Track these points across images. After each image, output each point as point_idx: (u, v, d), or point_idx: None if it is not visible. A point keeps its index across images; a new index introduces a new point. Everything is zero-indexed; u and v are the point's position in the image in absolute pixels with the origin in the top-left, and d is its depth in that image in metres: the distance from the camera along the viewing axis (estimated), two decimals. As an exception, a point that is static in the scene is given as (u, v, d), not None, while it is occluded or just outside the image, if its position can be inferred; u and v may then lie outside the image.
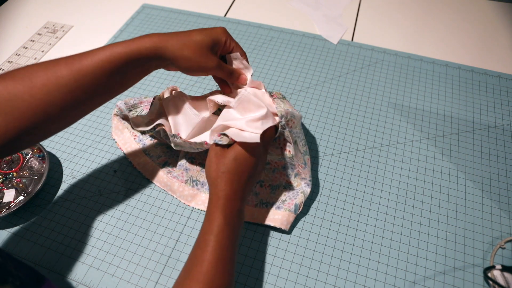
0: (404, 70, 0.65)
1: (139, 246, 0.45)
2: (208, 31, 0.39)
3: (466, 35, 0.71)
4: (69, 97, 0.33)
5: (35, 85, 0.32)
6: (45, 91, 0.32)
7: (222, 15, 0.77)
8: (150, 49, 0.36)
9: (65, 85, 0.33)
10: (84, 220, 0.48)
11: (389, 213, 0.48)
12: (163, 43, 0.36)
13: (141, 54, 0.36)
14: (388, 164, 0.53)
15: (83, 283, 0.43)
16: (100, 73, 0.34)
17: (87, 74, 0.34)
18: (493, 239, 0.46)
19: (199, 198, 0.49)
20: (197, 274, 0.33)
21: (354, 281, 0.43)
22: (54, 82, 0.32)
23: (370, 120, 0.58)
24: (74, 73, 0.33)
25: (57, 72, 0.33)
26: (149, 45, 0.36)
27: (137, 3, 0.80)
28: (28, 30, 0.75)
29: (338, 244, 0.45)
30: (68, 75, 0.33)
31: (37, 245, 0.45)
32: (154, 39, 0.36)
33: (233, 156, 0.37)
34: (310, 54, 0.68)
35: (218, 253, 0.34)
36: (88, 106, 0.36)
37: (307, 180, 0.46)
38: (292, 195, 0.47)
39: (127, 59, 0.35)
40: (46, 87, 0.32)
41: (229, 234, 0.35)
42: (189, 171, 0.50)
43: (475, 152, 0.54)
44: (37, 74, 0.32)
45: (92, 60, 0.34)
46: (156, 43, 0.36)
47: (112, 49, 0.35)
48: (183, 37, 0.37)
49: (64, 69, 0.33)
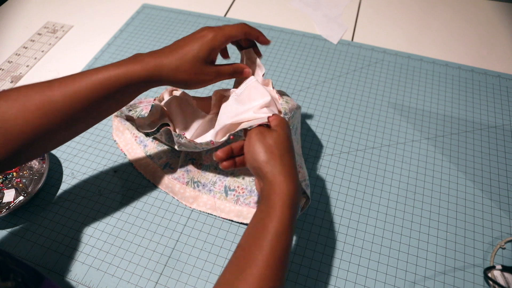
0: (404, 70, 0.65)
1: (139, 246, 0.45)
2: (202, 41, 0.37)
3: (466, 35, 0.71)
4: (62, 120, 0.33)
5: (29, 108, 0.32)
6: (38, 115, 0.32)
7: (222, 15, 0.77)
8: (144, 76, 0.35)
9: (58, 110, 0.33)
10: (84, 220, 0.48)
11: (389, 213, 0.48)
12: (157, 69, 0.36)
13: (135, 80, 0.35)
14: (388, 164, 0.53)
15: (83, 283, 0.43)
16: (94, 98, 0.34)
17: (80, 99, 0.34)
18: (493, 239, 0.46)
19: (201, 199, 0.49)
20: (251, 277, 0.30)
21: (354, 281, 0.43)
22: (47, 106, 0.33)
23: (370, 120, 0.58)
24: (67, 98, 0.33)
25: (51, 96, 0.33)
26: (143, 72, 0.35)
27: (137, 3, 0.80)
28: (28, 30, 0.75)
29: (338, 244, 0.45)
30: (62, 100, 0.33)
31: (37, 245, 0.45)
32: (148, 65, 0.35)
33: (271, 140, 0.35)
34: (310, 54, 0.68)
35: (277, 255, 0.31)
36: (81, 127, 0.37)
37: (306, 181, 0.45)
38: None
39: (120, 84, 0.35)
40: (39, 110, 0.32)
41: (290, 233, 0.32)
42: (190, 173, 0.50)
43: (475, 152, 0.54)
44: (32, 97, 0.33)
45: (86, 84, 0.34)
46: (150, 70, 0.35)
47: (106, 72, 0.34)
48: (177, 54, 0.36)
49: (57, 92, 0.33)
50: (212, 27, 0.38)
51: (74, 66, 0.67)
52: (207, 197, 0.49)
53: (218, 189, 0.49)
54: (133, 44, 0.71)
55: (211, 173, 0.50)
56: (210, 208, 0.48)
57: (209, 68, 0.38)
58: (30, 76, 0.66)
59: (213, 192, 0.49)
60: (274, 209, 0.32)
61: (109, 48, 0.70)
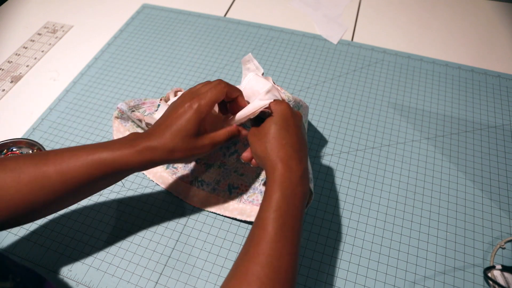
0: (404, 70, 0.65)
1: (139, 246, 0.45)
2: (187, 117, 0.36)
3: (466, 35, 0.71)
4: (54, 196, 0.34)
5: (22, 181, 0.33)
6: (30, 188, 0.33)
7: (222, 15, 0.77)
8: (138, 160, 0.35)
9: (51, 185, 0.33)
10: (84, 220, 0.48)
11: (389, 213, 0.48)
12: (152, 153, 0.35)
13: (129, 164, 0.35)
14: (388, 164, 0.53)
15: (83, 283, 0.43)
16: (87, 178, 0.34)
17: (73, 178, 0.34)
18: (493, 239, 0.46)
19: (205, 199, 0.49)
20: (255, 256, 0.31)
21: (354, 281, 0.43)
22: (40, 181, 0.33)
23: (370, 120, 0.58)
24: (60, 175, 0.33)
25: (45, 172, 0.33)
26: (139, 157, 0.35)
27: (137, 3, 0.80)
28: (28, 30, 0.75)
29: (338, 244, 0.45)
30: (55, 176, 0.33)
31: (37, 245, 0.45)
32: (143, 149, 0.35)
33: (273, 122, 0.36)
34: (310, 54, 0.68)
35: (277, 231, 0.31)
36: (72, 202, 0.38)
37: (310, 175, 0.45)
38: None
39: (115, 167, 0.35)
40: (31, 184, 0.33)
41: (288, 209, 0.33)
42: (194, 172, 0.50)
43: (475, 152, 0.54)
44: (27, 169, 0.33)
45: (81, 164, 0.34)
46: (144, 155, 0.35)
47: (101, 154, 0.34)
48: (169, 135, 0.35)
49: (52, 169, 0.33)
50: (192, 94, 0.37)
51: (74, 66, 0.67)
52: (211, 196, 0.49)
53: (222, 187, 0.49)
54: (133, 44, 0.71)
55: (215, 171, 0.50)
56: (214, 207, 0.48)
57: (202, 141, 0.37)
58: (30, 76, 0.66)
59: (217, 191, 0.49)
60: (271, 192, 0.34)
61: (109, 48, 0.70)
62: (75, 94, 0.63)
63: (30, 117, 0.60)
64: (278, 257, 0.30)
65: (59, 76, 0.66)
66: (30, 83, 0.65)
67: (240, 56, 0.68)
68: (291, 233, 0.32)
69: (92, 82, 0.64)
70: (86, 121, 0.59)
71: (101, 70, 0.66)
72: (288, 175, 0.34)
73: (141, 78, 0.65)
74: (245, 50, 0.69)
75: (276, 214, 0.32)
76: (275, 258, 0.30)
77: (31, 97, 0.63)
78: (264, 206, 0.33)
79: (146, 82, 0.64)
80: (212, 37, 0.72)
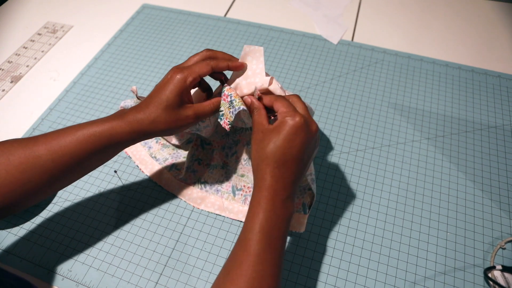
0: (404, 70, 0.65)
1: (139, 246, 0.45)
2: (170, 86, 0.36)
3: (466, 35, 0.71)
4: (46, 176, 0.33)
5: (12, 163, 0.32)
6: (21, 170, 0.32)
7: (222, 15, 0.77)
8: (128, 131, 0.35)
9: (42, 165, 0.33)
10: (84, 220, 0.48)
11: (389, 213, 0.48)
12: (138, 124, 0.35)
13: (119, 135, 0.35)
14: (388, 164, 0.53)
15: (83, 283, 0.43)
16: (78, 154, 0.34)
17: (65, 155, 0.34)
18: (493, 239, 0.46)
19: (208, 200, 0.48)
20: (236, 278, 0.30)
21: (354, 281, 0.43)
22: (31, 161, 0.33)
23: (370, 120, 0.58)
24: (51, 153, 0.33)
25: (35, 152, 0.33)
26: (127, 128, 0.35)
27: (137, 3, 0.80)
28: (28, 30, 0.75)
29: (338, 244, 0.45)
30: (46, 155, 0.33)
31: (37, 245, 0.45)
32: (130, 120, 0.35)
33: (273, 141, 0.33)
34: (310, 54, 0.68)
35: (260, 254, 0.31)
36: (64, 181, 0.37)
37: (312, 175, 0.43)
38: (300, 193, 0.46)
39: (105, 139, 0.35)
40: (22, 165, 0.32)
41: (272, 232, 0.32)
42: (197, 173, 0.50)
43: (475, 152, 0.54)
44: (16, 151, 0.33)
45: (71, 140, 0.34)
46: (133, 125, 0.35)
47: (90, 128, 0.34)
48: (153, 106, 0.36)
49: (42, 148, 0.33)
50: (179, 67, 0.37)
51: (74, 66, 0.67)
52: (214, 197, 0.49)
53: (225, 189, 0.49)
54: (133, 44, 0.71)
55: (218, 172, 0.50)
56: (218, 209, 0.48)
57: (185, 111, 0.36)
58: (30, 76, 0.66)
59: (220, 192, 0.49)
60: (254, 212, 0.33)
61: (109, 48, 0.70)
62: (75, 94, 0.63)
63: (30, 117, 0.60)
64: (260, 280, 0.30)
65: (59, 76, 0.66)
66: (30, 83, 0.65)
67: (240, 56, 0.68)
68: (274, 255, 0.32)
69: (92, 82, 0.64)
70: (86, 121, 0.58)
71: (101, 70, 0.66)
72: (273, 199, 0.33)
73: (141, 78, 0.65)
74: (245, 50, 0.69)
75: (259, 236, 0.32)
76: (257, 280, 0.30)
77: (31, 97, 0.63)
78: (248, 226, 0.33)
79: (146, 82, 0.64)
80: (212, 37, 0.72)
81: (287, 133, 0.33)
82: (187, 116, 0.36)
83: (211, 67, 0.37)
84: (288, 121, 0.33)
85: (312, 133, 0.35)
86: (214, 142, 0.52)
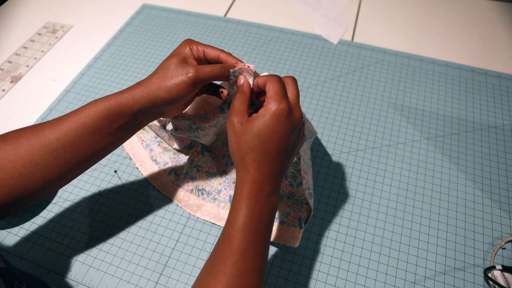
0: (404, 70, 0.65)
1: (139, 246, 0.45)
2: (171, 55, 0.36)
3: (466, 35, 0.71)
4: (52, 156, 0.33)
5: (21, 145, 0.33)
6: (29, 151, 0.33)
7: (222, 15, 0.77)
8: (132, 100, 0.34)
9: (48, 144, 0.33)
10: (84, 220, 0.48)
11: (389, 213, 0.48)
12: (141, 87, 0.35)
13: (122, 105, 0.34)
14: (388, 164, 0.53)
15: (83, 283, 0.43)
16: (81, 131, 0.34)
17: (69, 132, 0.34)
18: (493, 239, 0.46)
19: (205, 208, 0.48)
20: (219, 275, 0.30)
21: (354, 281, 0.43)
22: (37, 140, 0.33)
23: (370, 120, 0.58)
24: (57, 132, 0.33)
25: (41, 131, 0.33)
26: (129, 96, 0.34)
27: (137, 3, 0.80)
28: (28, 30, 0.75)
29: (338, 244, 0.45)
30: (51, 134, 0.33)
31: (37, 245, 0.45)
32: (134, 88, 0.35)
33: (256, 131, 0.32)
34: (310, 54, 0.68)
35: (244, 252, 0.30)
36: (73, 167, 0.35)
37: (310, 190, 0.42)
38: (297, 207, 0.46)
39: (109, 114, 0.34)
40: (30, 146, 0.33)
41: (256, 228, 0.31)
42: (195, 180, 0.50)
43: (475, 152, 0.54)
44: (25, 134, 0.33)
45: (74, 118, 0.34)
46: (135, 92, 0.35)
47: (94, 105, 0.34)
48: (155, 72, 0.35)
49: (48, 129, 0.34)
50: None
51: (74, 66, 0.67)
52: (211, 205, 0.48)
53: (223, 198, 0.48)
54: (133, 44, 0.71)
55: (216, 181, 0.50)
56: (214, 217, 0.47)
57: (184, 67, 0.34)
58: (30, 76, 0.66)
59: (217, 201, 0.48)
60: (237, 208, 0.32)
61: (109, 48, 0.70)
62: (75, 94, 0.63)
63: (30, 117, 0.60)
64: (244, 277, 0.30)
65: (59, 76, 0.66)
66: (30, 83, 0.65)
67: (240, 56, 0.68)
68: (258, 251, 0.31)
69: (92, 82, 0.64)
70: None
71: (101, 70, 0.66)
72: (256, 193, 0.32)
73: (141, 78, 0.65)
74: (245, 50, 0.69)
75: (244, 234, 0.31)
76: (240, 278, 0.30)
77: (31, 97, 0.63)
78: (231, 222, 0.32)
79: (146, 82, 0.64)
80: (212, 37, 0.72)
81: (269, 121, 0.32)
82: (186, 71, 0.34)
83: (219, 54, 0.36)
84: (271, 108, 0.32)
85: (295, 121, 0.33)
86: (215, 149, 0.52)
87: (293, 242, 0.43)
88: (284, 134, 0.32)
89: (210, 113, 0.38)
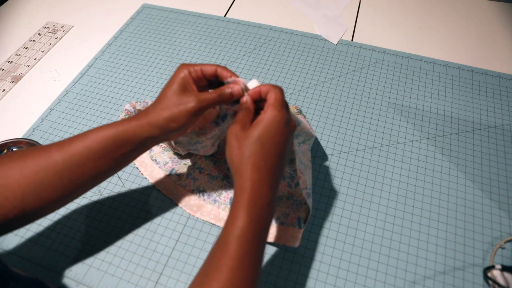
0: (404, 70, 0.65)
1: (139, 246, 0.45)
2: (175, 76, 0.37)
3: (466, 35, 0.71)
4: (57, 177, 0.33)
5: (27, 164, 0.33)
6: (34, 170, 0.33)
7: (222, 15, 0.77)
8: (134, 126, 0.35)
9: (53, 165, 0.33)
10: (84, 220, 0.48)
11: (389, 213, 0.48)
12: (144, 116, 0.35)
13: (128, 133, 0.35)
14: (388, 164, 0.53)
15: (83, 283, 0.43)
16: (88, 155, 0.34)
17: (75, 155, 0.34)
18: (493, 239, 0.46)
19: (205, 209, 0.48)
20: (215, 281, 0.30)
21: (354, 281, 0.43)
22: (43, 161, 0.33)
23: (370, 120, 0.58)
24: (63, 154, 0.34)
25: (48, 153, 0.34)
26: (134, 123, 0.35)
27: (137, 3, 0.80)
28: (28, 30, 0.75)
29: (338, 244, 0.45)
30: (57, 156, 0.33)
31: (37, 245, 0.45)
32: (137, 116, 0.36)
33: (256, 136, 0.33)
34: (310, 54, 0.68)
35: (240, 259, 0.30)
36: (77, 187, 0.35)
37: (307, 190, 0.42)
38: (296, 207, 0.46)
39: (116, 140, 0.35)
40: (36, 166, 0.33)
41: (254, 236, 0.32)
42: (197, 181, 0.50)
43: (475, 152, 0.54)
44: (31, 154, 0.34)
45: (82, 142, 0.34)
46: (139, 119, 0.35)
47: (102, 131, 0.35)
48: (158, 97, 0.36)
49: (55, 150, 0.34)
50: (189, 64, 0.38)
51: (74, 66, 0.67)
52: (211, 207, 0.48)
53: (223, 200, 0.48)
54: (133, 44, 0.71)
55: (218, 184, 0.50)
56: (213, 218, 0.47)
57: (187, 96, 0.35)
58: (31, 76, 0.66)
59: (218, 203, 0.48)
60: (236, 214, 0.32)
61: (109, 48, 0.70)
62: (75, 94, 0.63)
63: (30, 117, 0.60)
64: (240, 284, 0.30)
65: (59, 76, 0.66)
66: (30, 83, 0.65)
67: (240, 56, 0.68)
68: (254, 259, 0.32)
69: (92, 82, 0.64)
70: (86, 121, 0.59)
71: (101, 70, 0.66)
72: (256, 201, 0.32)
73: (141, 78, 0.65)
74: (245, 50, 0.69)
75: (241, 243, 0.31)
76: (236, 285, 0.30)
77: (31, 97, 0.63)
78: (229, 229, 0.32)
79: (146, 82, 0.64)
80: (212, 37, 0.72)
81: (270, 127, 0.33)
82: (188, 100, 0.35)
83: (215, 68, 0.37)
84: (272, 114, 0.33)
85: (292, 129, 0.35)
86: (217, 154, 0.52)
87: (293, 242, 0.43)
88: (283, 140, 0.34)
89: (206, 128, 0.40)
